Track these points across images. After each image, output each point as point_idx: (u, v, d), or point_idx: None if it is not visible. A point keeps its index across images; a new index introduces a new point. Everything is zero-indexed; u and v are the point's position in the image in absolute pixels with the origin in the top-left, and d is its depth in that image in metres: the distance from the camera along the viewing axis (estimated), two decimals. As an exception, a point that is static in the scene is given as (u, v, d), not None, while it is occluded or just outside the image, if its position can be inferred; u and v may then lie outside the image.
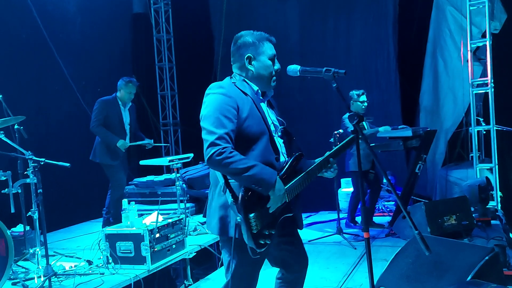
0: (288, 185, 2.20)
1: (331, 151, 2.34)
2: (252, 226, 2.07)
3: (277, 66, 2.31)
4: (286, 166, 2.26)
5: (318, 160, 2.31)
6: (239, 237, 2.11)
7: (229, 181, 2.12)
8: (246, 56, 2.27)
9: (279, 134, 2.33)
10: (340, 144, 2.38)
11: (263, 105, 2.32)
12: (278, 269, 2.51)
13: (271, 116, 2.34)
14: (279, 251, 2.37)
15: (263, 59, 2.26)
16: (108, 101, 5.20)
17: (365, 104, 5.44)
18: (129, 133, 5.35)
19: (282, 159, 2.28)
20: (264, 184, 2.08)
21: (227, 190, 2.09)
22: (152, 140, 5.56)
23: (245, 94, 2.23)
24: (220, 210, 2.20)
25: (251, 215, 2.07)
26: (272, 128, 2.29)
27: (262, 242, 2.10)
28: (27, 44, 5.97)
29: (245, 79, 2.29)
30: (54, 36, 6.23)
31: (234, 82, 2.26)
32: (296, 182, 2.23)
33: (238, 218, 2.06)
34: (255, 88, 2.29)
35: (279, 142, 2.31)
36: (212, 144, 2.05)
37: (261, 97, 2.31)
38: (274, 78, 2.30)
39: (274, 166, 2.21)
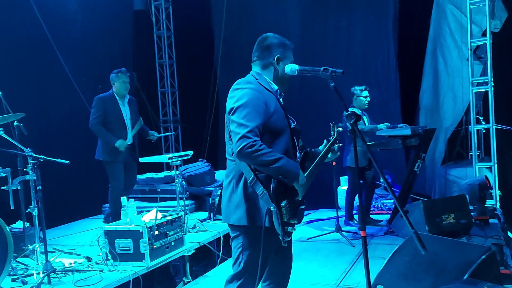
0: (304, 176, 2.33)
1: (324, 147, 2.48)
2: (284, 214, 2.22)
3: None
4: (300, 161, 2.40)
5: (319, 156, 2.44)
6: (270, 225, 2.23)
7: (257, 174, 2.24)
8: (276, 57, 2.38)
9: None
10: (329, 143, 2.49)
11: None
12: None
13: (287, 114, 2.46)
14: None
15: (289, 62, 2.40)
16: (105, 97, 5.17)
17: (368, 99, 5.46)
18: (131, 128, 5.28)
19: (298, 153, 2.43)
20: (290, 175, 2.23)
21: (258, 182, 2.22)
22: (156, 132, 5.52)
23: (269, 91, 2.34)
24: (247, 201, 2.29)
25: (282, 203, 2.22)
26: (292, 125, 2.44)
27: (290, 230, 2.26)
28: (28, 41, 5.97)
29: (266, 78, 2.38)
30: (55, 33, 6.23)
31: (257, 79, 2.36)
32: (308, 175, 2.35)
33: (271, 207, 2.20)
34: (275, 87, 2.40)
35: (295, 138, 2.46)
36: (244, 137, 2.15)
37: (279, 96, 2.43)
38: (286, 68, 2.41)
39: (294, 159, 2.37)
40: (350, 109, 5.33)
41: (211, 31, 8.79)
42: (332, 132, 2.49)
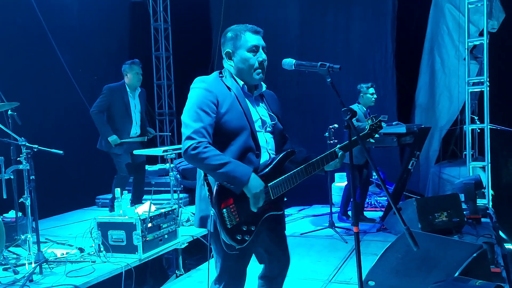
0: (272, 182, 2.17)
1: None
2: (226, 220, 2.04)
3: (261, 57, 2.21)
4: (273, 163, 2.22)
5: (319, 156, 2.28)
6: (215, 231, 2.09)
7: (207, 175, 2.10)
8: (224, 52, 2.27)
9: (269, 130, 2.29)
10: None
11: (248, 101, 2.26)
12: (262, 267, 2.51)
13: (259, 111, 2.28)
14: (264, 248, 2.37)
15: (241, 52, 2.20)
16: (116, 88, 5.04)
17: (375, 96, 5.45)
18: (140, 122, 5.19)
19: (265, 155, 2.23)
20: (236, 182, 2.03)
21: (205, 184, 2.09)
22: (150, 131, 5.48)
23: (229, 89, 2.20)
24: (201, 203, 2.19)
25: (224, 209, 2.04)
26: (259, 123, 2.25)
27: (239, 238, 2.06)
28: (23, 30, 5.92)
29: (232, 74, 2.26)
30: (51, 23, 6.18)
31: (222, 77, 2.25)
32: (283, 180, 2.19)
33: (211, 211, 2.06)
34: (241, 83, 2.24)
35: (266, 138, 2.26)
36: (188, 138, 2.05)
37: (247, 92, 2.25)
38: (259, 70, 2.21)
39: (252, 162, 2.17)
40: (355, 106, 5.39)
41: (208, 24, 8.74)
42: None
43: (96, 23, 7.06)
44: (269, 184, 2.16)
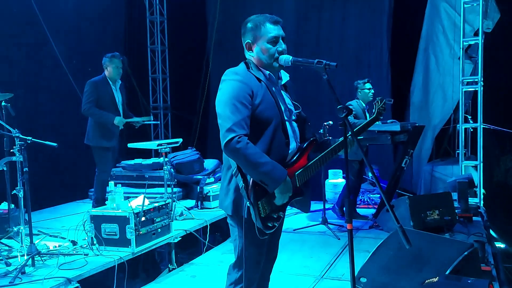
0: (299, 171, 2.28)
1: (337, 143, 2.36)
2: (261, 211, 2.16)
3: (281, 47, 2.26)
4: (300, 152, 2.32)
5: (329, 148, 2.35)
6: (249, 217, 2.18)
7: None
8: (245, 43, 2.31)
9: (294, 118, 2.37)
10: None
11: (276, 90, 2.33)
12: None
13: (286, 100, 2.36)
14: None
15: (261, 43, 2.25)
16: (99, 81, 5.07)
17: (372, 91, 5.48)
18: (123, 113, 5.22)
19: (293, 144, 2.32)
20: (271, 183, 2.14)
21: (239, 174, 2.16)
22: (151, 117, 5.44)
23: (259, 80, 2.25)
24: (235, 192, 2.25)
25: (259, 201, 2.16)
26: (286, 113, 2.32)
27: (270, 225, 2.20)
28: (18, 20, 5.86)
29: (257, 65, 2.30)
30: (46, 13, 6.12)
31: (249, 68, 2.28)
32: (307, 167, 2.30)
33: (247, 203, 2.14)
34: (267, 73, 2.30)
35: (293, 126, 2.35)
36: (230, 130, 2.09)
37: (274, 81, 2.33)
38: (279, 59, 2.26)
39: (283, 151, 2.26)
40: (354, 102, 5.40)
41: (204, 18, 8.71)
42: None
43: (92, 14, 7.00)
44: (295, 173, 2.27)
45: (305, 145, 2.34)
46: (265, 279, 2.56)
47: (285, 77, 2.39)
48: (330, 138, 5.06)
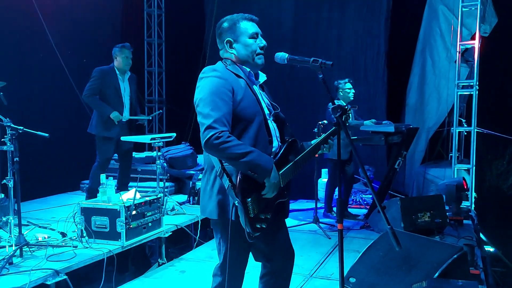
0: (282, 170, 2.21)
1: (317, 140, 2.35)
2: (250, 210, 2.09)
3: (262, 43, 2.28)
4: (281, 152, 2.26)
5: (308, 148, 2.33)
6: (236, 220, 2.11)
7: (224, 165, 2.12)
8: (225, 41, 2.28)
9: (272, 118, 2.33)
10: (323, 135, 2.37)
11: (256, 88, 2.30)
12: (260, 271, 2.48)
13: (264, 100, 2.33)
14: (264, 240, 2.32)
15: (243, 39, 2.25)
16: (105, 70, 4.97)
17: (352, 91, 5.48)
18: (129, 106, 5.10)
19: (275, 143, 2.28)
20: (260, 171, 2.08)
21: (224, 175, 2.10)
22: (151, 116, 5.36)
23: (238, 76, 2.22)
24: (218, 194, 2.19)
25: (249, 199, 2.09)
26: (266, 111, 2.28)
27: (258, 226, 2.12)
28: (12, 10, 5.79)
29: (235, 62, 2.27)
30: (41, 2, 6.06)
31: (226, 65, 2.25)
32: (290, 168, 2.24)
33: (236, 202, 2.07)
34: (247, 69, 2.28)
35: (273, 125, 2.31)
36: (209, 127, 2.03)
37: (254, 79, 2.31)
38: (260, 55, 2.27)
39: (266, 149, 2.21)
40: (336, 102, 5.40)
41: (202, 13, 8.66)
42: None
43: (89, 5, 6.93)
44: (279, 172, 2.20)
45: (285, 145, 2.30)
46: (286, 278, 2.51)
47: (262, 77, 2.37)
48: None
